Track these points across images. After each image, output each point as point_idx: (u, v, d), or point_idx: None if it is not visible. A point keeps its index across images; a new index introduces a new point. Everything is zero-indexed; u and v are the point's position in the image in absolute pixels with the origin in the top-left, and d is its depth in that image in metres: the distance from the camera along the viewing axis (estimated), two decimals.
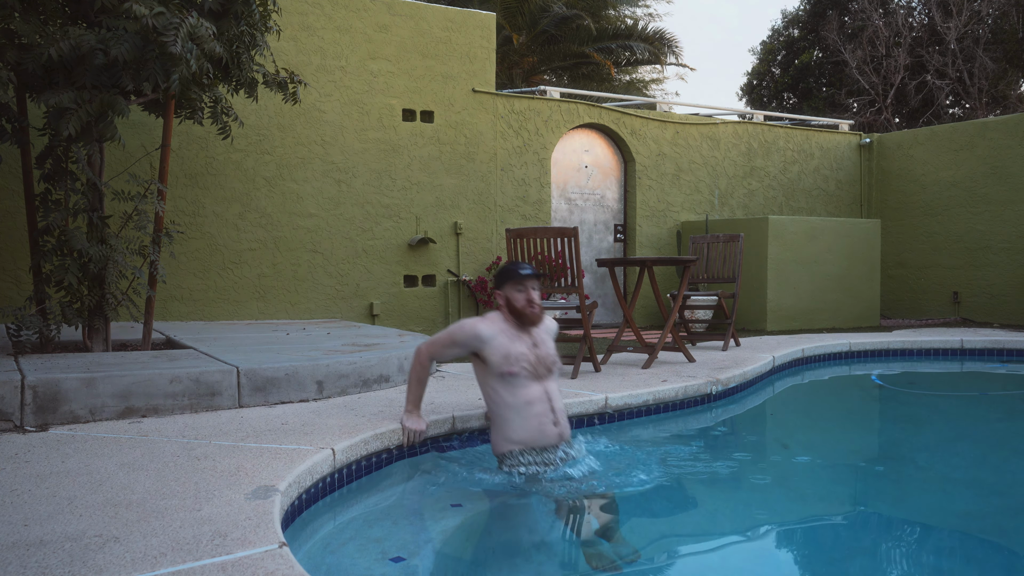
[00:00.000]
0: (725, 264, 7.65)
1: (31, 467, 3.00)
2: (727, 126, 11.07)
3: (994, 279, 10.56)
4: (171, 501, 2.60)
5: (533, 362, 3.50)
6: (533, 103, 9.63)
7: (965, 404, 5.83)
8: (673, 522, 3.16)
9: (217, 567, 2.06)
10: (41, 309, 4.84)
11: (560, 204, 10.14)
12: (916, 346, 7.79)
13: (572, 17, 16.43)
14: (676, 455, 4.14)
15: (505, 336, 3.51)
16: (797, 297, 9.57)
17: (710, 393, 5.30)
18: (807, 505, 3.54)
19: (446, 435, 3.99)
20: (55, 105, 4.45)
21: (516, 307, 3.52)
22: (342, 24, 8.45)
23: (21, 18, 4.59)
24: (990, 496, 3.67)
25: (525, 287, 3.50)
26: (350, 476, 3.42)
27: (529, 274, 3.50)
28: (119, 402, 3.87)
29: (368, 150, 8.61)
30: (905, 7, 20.01)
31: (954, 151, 11.12)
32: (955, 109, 19.83)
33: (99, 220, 4.83)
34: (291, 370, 4.37)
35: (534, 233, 5.60)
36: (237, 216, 8.01)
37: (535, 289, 3.53)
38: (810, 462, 4.28)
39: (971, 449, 4.60)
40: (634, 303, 6.33)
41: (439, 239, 8.99)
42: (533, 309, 3.50)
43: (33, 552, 2.15)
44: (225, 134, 5.57)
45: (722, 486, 3.89)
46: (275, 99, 8.03)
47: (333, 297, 8.45)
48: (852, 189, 12.14)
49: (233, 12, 5.00)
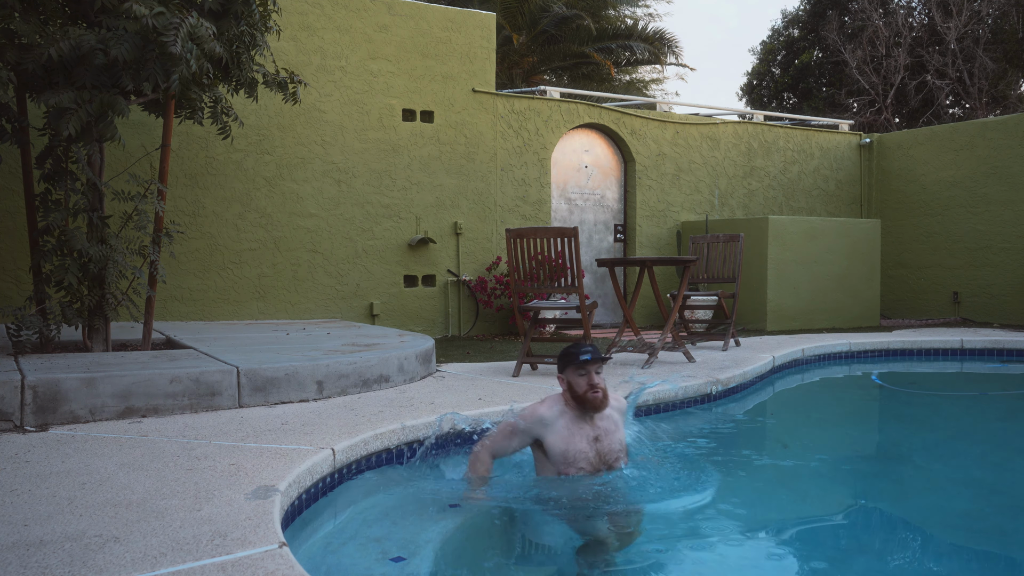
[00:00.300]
0: (725, 264, 7.65)
1: (31, 467, 3.00)
2: (727, 126, 11.07)
3: (994, 279, 10.56)
4: (171, 501, 2.60)
5: (593, 461, 3.26)
6: (533, 103, 9.63)
7: (965, 404, 5.83)
8: (673, 522, 3.16)
9: (217, 567, 2.06)
10: (41, 309, 4.84)
11: (560, 204, 10.14)
12: (916, 346, 7.80)
13: (572, 17, 16.43)
14: (675, 455, 4.14)
15: (566, 422, 3.28)
16: (797, 297, 9.57)
17: (710, 393, 5.30)
18: (807, 505, 3.54)
19: (445, 435, 3.99)
20: (55, 105, 4.45)
21: (578, 393, 3.27)
22: (342, 24, 8.45)
23: (21, 18, 4.59)
24: (990, 496, 3.67)
25: (587, 371, 3.25)
26: (350, 476, 3.43)
27: (590, 359, 3.25)
28: (119, 402, 3.87)
29: (368, 150, 8.61)
30: (905, 7, 20.01)
31: (954, 151, 11.12)
32: (955, 109, 19.83)
33: (99, 220, 4.83)
34: (291, 370, 4.37)
35: (534, 233, 5.60)
36: (237, 216, 8.01)
37: (598, 372, 3.27)
38: (810, 462, 4.28)
39: (971, 449, 4.60)
40: (634, 303, 6.33)
41: (439, 239, 8.99)
42: (596, 395, 3.25)
43: (33, 552, 2.15)
44: (225, 134, 5.57)
45: (722, 485, 3.89)
46: (275, 99, 8.03)
47: (333, 297, 8.45)
48: (852, 189, 12.14)
49: (233, 12, 5.00)
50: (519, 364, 5.56)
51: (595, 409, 3.27)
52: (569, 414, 3.30)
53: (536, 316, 5.96)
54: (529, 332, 5.72)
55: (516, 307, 5.71)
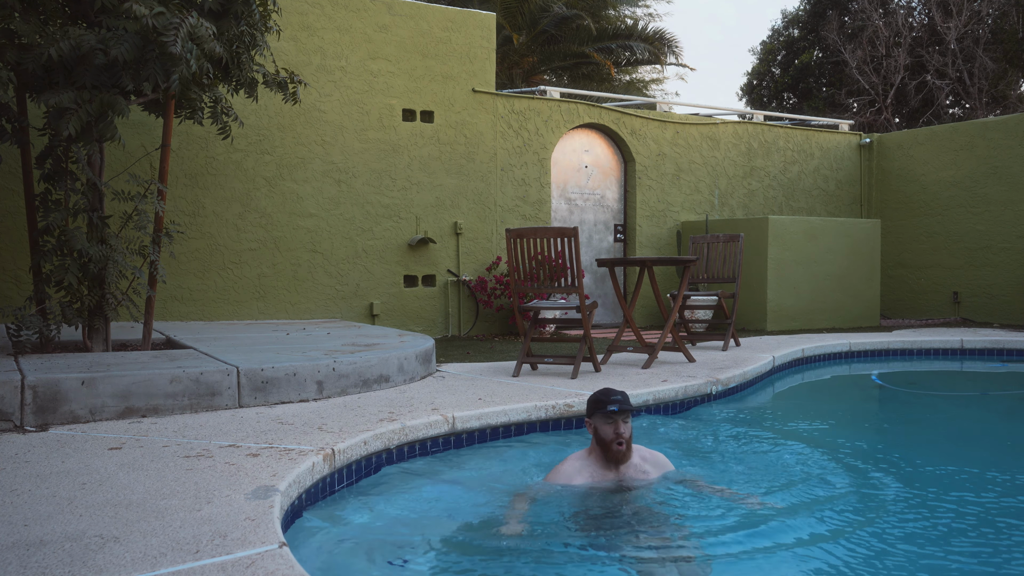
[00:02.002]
0: (725, 264, 7.65)
1: (31, 467, 3.00)
2: (727, 126, 11.07)
3: (994, 279, 10.55)
4: (171, 501, 2.60)
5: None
6: (533, 103, 9.63)
7: (965, 404, 5.83)
8: (672, 521, 3.15)
9: (217, 567, 2.06)
10: (41, 309, 4.84)
11: (560, 204, 10.14)
12: (916, 346, 7.80)
13: (572, 17, 16.43)
14: (675, 455, 4.14)
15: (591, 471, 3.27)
16: (797, 297, 9.57)
17: (710, 393, 5.30)
18: (807, 504, 3.54)
19: (445, 436, 3.99)
20: (55, 105, 4.45)
21: (603, 440, 3.26)
22: (342, 24, 8.45)
23: (21, 18, 4.59)
24: (989, 495, 3.67)
25: (615, 420, 3.24)
26: (350, 476, 3.43)
27: (616, 410, 3.22)
28: (119, 402, 3.87)
29: (368, 150, 8.62)
30: (905, 7, 20.01)
31: (954, 151, 11.12)
32: (955, 109, 19.83)
33: (99, 220, 4.83)
34: (291, 370, 4.37)
35: (534, 233, 5.60)
36: (237, 216, 8.01)
37: (625, 422, 3.25)
38: (810, 462, 4.28)
39: (971, 449, 4.60)
40: (634, 303, 6.33)
41: (439, 239, 8.99)
42: (620, 447, 3.23)
43: (33, 552, 2.15)
44: (225, 134, 5.57)
45: (721, 485, 3.88)
46: (275, 99, 8.03)
47: (333, 297, 8.46)
48: (852, 189, 12.14)
49: (233, 12, 5.00)
50: (519, 364, 5.56)
51: (616, 461, 3.27)
52: (593, 464, 3.30)
53: (536, 316, 5.96)
54: (529, 332, 5.72)
55: (516, 307, 5.71)
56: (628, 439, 3.26)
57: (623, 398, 3.28)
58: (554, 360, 5.61)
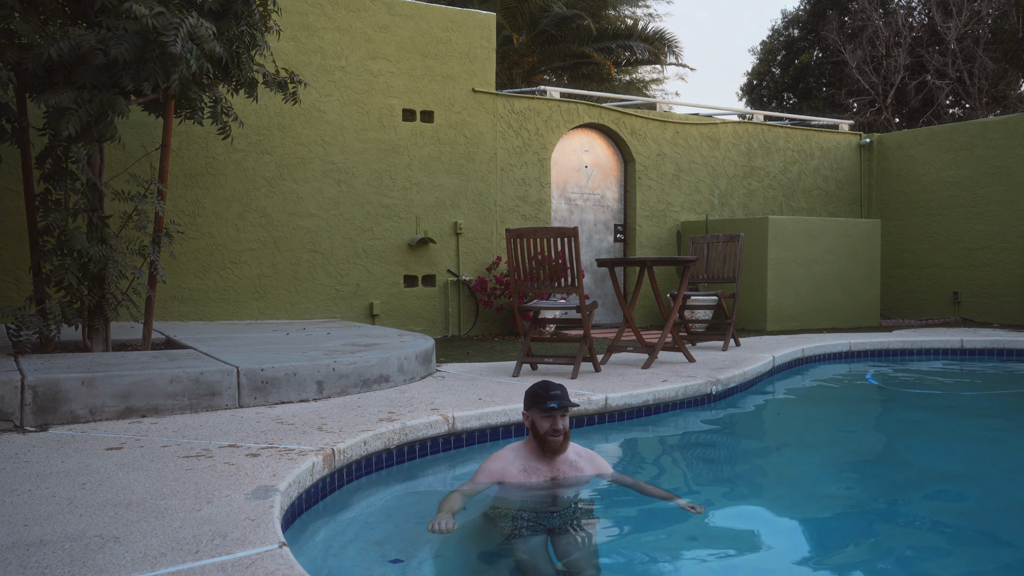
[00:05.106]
0: (725, 264, 7.65)
1: (31, 467, 3.00)
2: (727, 126, 11.07)
3: (994, 279, 10.55)
4: (171, 501, 2.60)
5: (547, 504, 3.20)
6: (533, 103, 9.63)
7: (965, 404, 5.82)
8: (672, 522, 3.15)
9: (217, 567, 2.06)
10: (41, 309, 4.84)
11: (560, 204, 10.14)
12: (916, 346, 7.80)
13: (572, 17, 16.43)
14: (675, 455, 4.15)
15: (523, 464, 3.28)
16: (797, 297, 9.57)
17: (710, 393, 5.30)
18: (806, 504, 3.54)
19: (445, 436, 3.99)
20: (55, 105, 4.45)
21: (539, 433, 3.28)
22: (342, 24, 8.45)
23: (21, 18, 4.59)
24: (988, 495, 3.67)
25: (552, 415, 3.25)
26: (350, 476, 3.43)
27: (555, 407, 3.23)
28: (119, 402, 3.88)
29: (368, 150, 8.61)
30: (905, 7, 20.01)
31: (954, 151, 11.12)
32: (955, 109, 19.83)
33: (99, 220, 4.83)
34: (291, 370, 4.37)
35: (534, 233, 5.60)
36: (237, 216, 8.01)
37: (563, 416, 3.27)
38: (809, 462, 4.28)
39: (970, 449, 4.60)
40: (634, 303, 6.33)
41: (439, 239, 8.99)
42: (556, 438, 3.25)
43: (33, 552, 2.15)
44: (225, 134, 5.57)
45: (722, 485, 3.89)
46: (275, 99, 8.03)
47: (333, 297, 8.45)
48: (852, 189, 12.14)
49: (233, 12, 5.00)
50: (519, 364, 5.56)
51: (553, 452, 3.28)
52: (528, 455, 3.31)
53: (536, 316, 5.96)
54: (529, 332, 5.72)
55: (516, 307, 5.71)
56: (565, 432, 3.28)
57: (562, 393, 3.29)
58: (554, 360, 5.61)
